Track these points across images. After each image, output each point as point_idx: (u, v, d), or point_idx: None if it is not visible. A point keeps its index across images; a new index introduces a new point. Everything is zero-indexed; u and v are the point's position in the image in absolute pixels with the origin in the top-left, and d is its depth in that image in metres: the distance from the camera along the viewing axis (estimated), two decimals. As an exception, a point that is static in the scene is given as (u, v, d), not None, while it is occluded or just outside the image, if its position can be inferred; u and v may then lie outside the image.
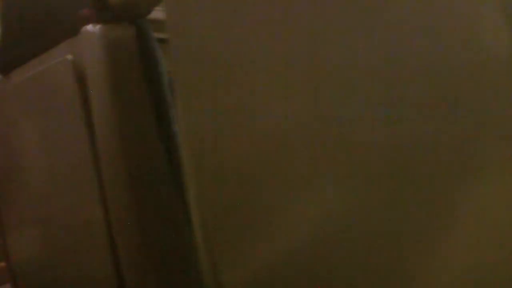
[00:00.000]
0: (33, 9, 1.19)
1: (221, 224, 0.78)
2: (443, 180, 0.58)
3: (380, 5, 0.60)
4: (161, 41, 1.04)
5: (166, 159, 1.03)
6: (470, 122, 0.56)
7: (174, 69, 0.82)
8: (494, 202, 0.56)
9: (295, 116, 0.68)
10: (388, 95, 0.60)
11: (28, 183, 1.25)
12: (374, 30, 0.60)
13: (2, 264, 1.37)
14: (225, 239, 0.77)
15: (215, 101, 0.76)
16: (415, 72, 0.59)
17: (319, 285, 0.68)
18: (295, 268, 0.71)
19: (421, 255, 0.61)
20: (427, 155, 0.59)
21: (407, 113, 0.59)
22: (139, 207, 1.03)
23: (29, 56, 1.21)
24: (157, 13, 1.06)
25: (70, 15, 1.11)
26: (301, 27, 0.66)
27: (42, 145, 1.21)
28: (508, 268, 0.55)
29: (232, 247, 0.77)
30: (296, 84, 0.67)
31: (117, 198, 1.04)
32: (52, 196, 1.18)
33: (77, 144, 1.10)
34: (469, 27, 0.55)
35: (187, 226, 0.96)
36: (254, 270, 0.75)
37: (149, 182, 1.04)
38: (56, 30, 1.16)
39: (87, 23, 1.06)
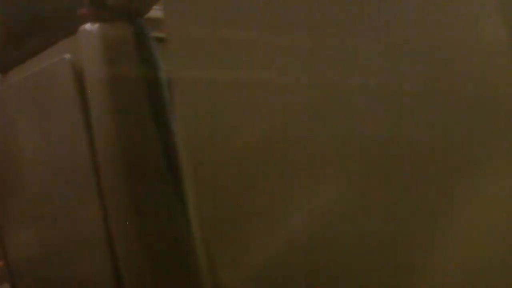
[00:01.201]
0: (31, 8, 1.19)
1: (220, 223, 0.78)
2: (442, 177, 0.58)
3: (380, 3, 0.60)
4: (159, 40, 1.04)
5: (164, 158, 1.03)
6: (469, 119, 0.56)
7: (172, 68, 0.82)
8: (494, 200, 0.56)
9: (293, 115, 0.68)
10: (387, 92, 0.60)
11: (26, 182, 1.25)
12: (374, 26, 0.60)
13: (1, 263, 1.37)
14: (224, 238, 0.78)
15: (213, 100, 0.76)
16: (414, 70, 0.59)
17: (317, 283, 0.68)
18: (294, 266, 0.71)
19: (420, 252, 0.61)
20: (426, 152, 0.59)
21: (406, 109, 0.60)
22: (137, 206, 1.02)
23: (27, 55, 1.21)
24: (156, 12, 1.06)
25: (68, 14, 1.11)
26: (300, 25, 0.66)
27: (40, 144, 1.21)
28: (506, 267, 0.55)
29: (231, 246, 0.77)
30: (294, 82, 0.67)
31: (115, 198, 1.03)
32: (50, 195, 1.18)
33: (75, 143, 1.10)
34: (468, 25, 0.55)
35: (185, 225, 0.96)
36: (253, 269, 0.75)
37: (148, 182, 1.03)
38: (54, 29, 1.15)
39: (85, 22, 1.06)
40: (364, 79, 0.62)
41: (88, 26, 1.06)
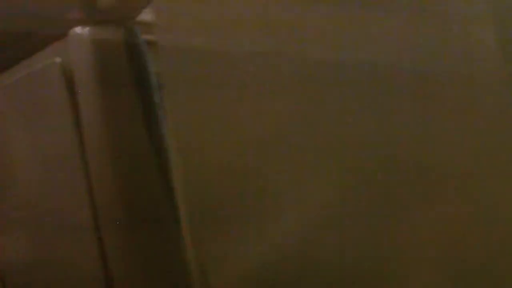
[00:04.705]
0: (22, 11, 1.19)
1: (209, 224, 0.78)
2: (433, 175, 0.59)
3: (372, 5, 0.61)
4: (150, 43, 1.05)
5: (154, 160, 1.04)
6: (459, 119, 0.57)
7: (162, 71, 0.82)
8: (491, 198, 0.56)
9: (283, 115, 0.68)
10: (380, 94, 0.61)
11: (17, 184, 1.25)
12: (364, 28, 0.61)
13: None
14: (213, 238, 0.78)
15: (203, 102, 0.76)
16: (405, 71, 0.59)
17: (307, 285, 0.69)
18: (284, 268, 0.71)
19: (413, 252, 0.61)
20: (417, 152, 0.59)
21: (398, 111, 0.60)
22: (127, 208, 1.03)
23: (18, 59, 1.20)
24: (146, 15, 1.06)
25: (58, 17, 1.11)
26: (289, 27, 0.66)
27: (31, 148, 1.21)
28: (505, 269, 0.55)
29: (220, 246, 0.77)
30: (284, 83, 0.68)
31: (106, 199, 1.04)
32: (41, 197, 1.18)
33: (66, 146, 1.10)
34: (459, 35, 0.56)
35: (175, 226, 0.97)
36: (242, 269, 0.75)
37: (138, 183, 1.04)
38: (44, 32, 1.15)
39: (76, 25, 1.06)
40: (354, 79, 0.62)
41: (78, 29, 1.06)
